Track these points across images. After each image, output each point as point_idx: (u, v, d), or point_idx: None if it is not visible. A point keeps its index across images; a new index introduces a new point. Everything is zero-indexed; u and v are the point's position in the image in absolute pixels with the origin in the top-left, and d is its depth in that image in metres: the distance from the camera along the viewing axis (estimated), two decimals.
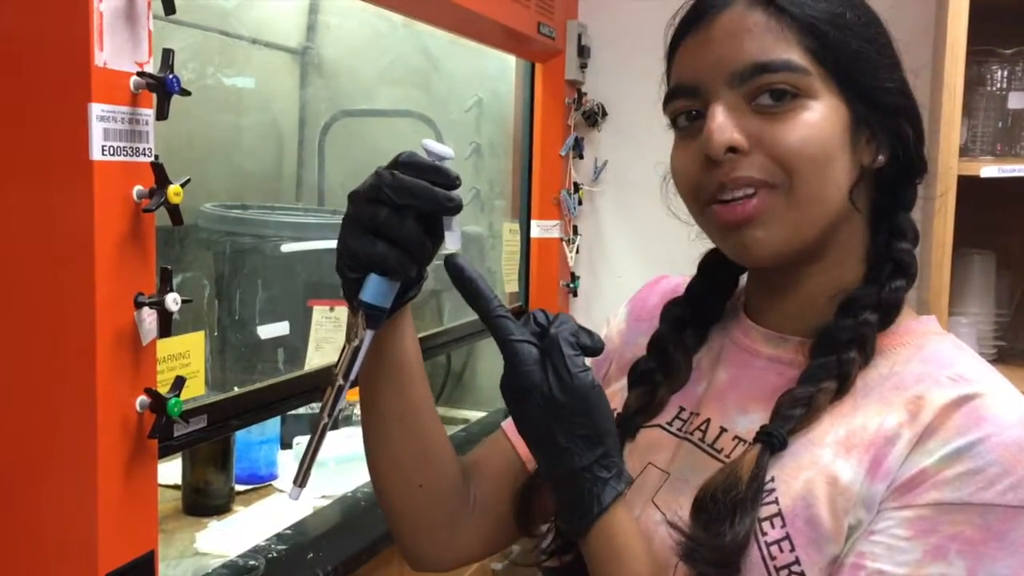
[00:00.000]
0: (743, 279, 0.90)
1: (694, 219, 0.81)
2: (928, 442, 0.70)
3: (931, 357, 0.76)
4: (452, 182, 0.73)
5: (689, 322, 0.89)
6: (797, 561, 0.71)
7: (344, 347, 0.76)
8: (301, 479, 0.75)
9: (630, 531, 0.74)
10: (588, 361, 0.87)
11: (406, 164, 0.73)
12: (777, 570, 0.71)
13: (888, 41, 0.80)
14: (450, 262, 0.75)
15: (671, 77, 0.81)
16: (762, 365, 0.82)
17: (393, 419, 0.84)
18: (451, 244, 0.76)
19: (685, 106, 0.78)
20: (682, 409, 0.86)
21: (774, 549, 0.71)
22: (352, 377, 0.76)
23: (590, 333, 0.75)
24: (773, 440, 0.74)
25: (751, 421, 0.79)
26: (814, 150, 0.73)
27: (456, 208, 0.74)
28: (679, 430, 0.84)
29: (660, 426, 0.85)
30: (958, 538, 0.67)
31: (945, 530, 0.68)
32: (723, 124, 0.74)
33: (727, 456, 0.79)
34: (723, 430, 0.81)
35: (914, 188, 0.82)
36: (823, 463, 0.73)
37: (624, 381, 0.91)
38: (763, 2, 0.75)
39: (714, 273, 0.89)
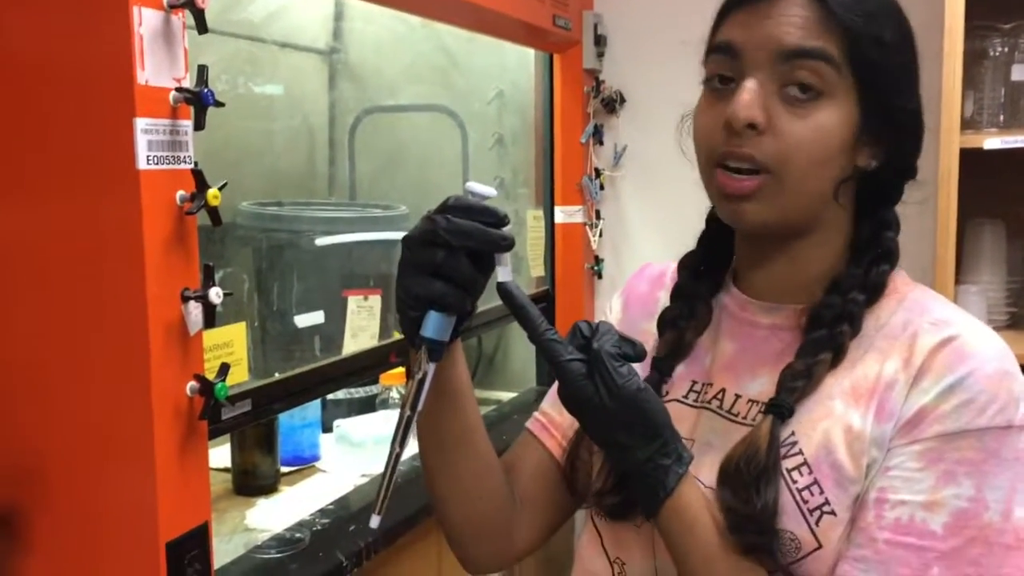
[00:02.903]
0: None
1: (700, 174, 0.88)
2: (922, 382, 0.80)
3: (911, 307, 0.86)
4: (501, 220, 0.79)
5: (705, 270, 0.97)
6: (827, 502, 0.80)
7: (408, 382, 0.82)
8: (380, 507, 0.80)
9: (696, 505, 0.82)
10: None
11: (456, 208, 0.79)
12: (810, 512, 0.80)
13: (915, 59, 0.86)
14: (502, 288, 0.81)
15: (716, 34, 0.86)
16: (763, 334, 0.90)
17: (453, 441, 0.91)
18: (503, 277, 0.81)
19: (722, 65, 0.84)
20: (694, 382, 0.93)
21: (805, 494, 0.81)
22: (419, 408, 0.81)
23: (632, 343, 0.81)
24: (782, 411, 0.83)
25: (761, 384, 0.88)
26: (816, 150, 0.81)
27: (509, 245, 0.80)
28: (695, 401, 0.92)
29: (677, 400, 0.93)
30: (963, 461, 0.77)
31: (951, 456, 0.78)
32: (750, 101, 0.80)
33: (744, 418, 0.87)
34: (737, 396, 0.89)
35: (902, 187, 0.91)
36: (837, 413, 0.82)
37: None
38: (819, 0, 0.81)
39: (719, 225, 0.94)
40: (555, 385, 0.99)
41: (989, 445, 0.77)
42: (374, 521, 0.80)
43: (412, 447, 1.80)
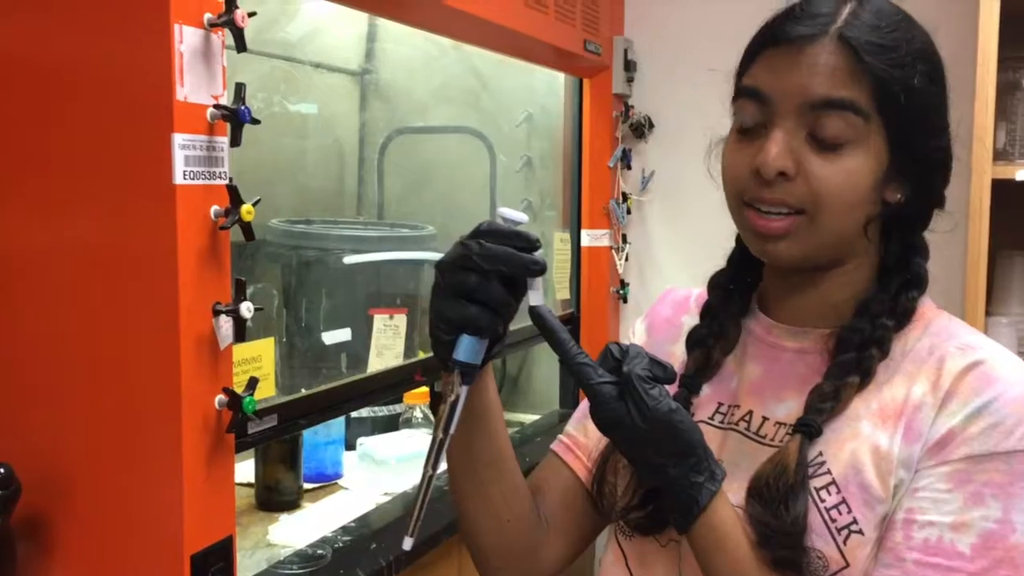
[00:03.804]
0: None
1: (729, 209, 0.89)
2: (950, 405, 0.80)
3: (937, 332, 0.87)
4: (533, 245, 0.80)
5: (734, 289, 0.97)
6: (855, 521, 0.81)
7: (440, 405, 0.83)
8: (413, 529, 0.80)
9: (728, 522, 0.82)
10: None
11: (488, 233, 0.79)
12: (838, 531, 0.81)
13: (945, 96, 0.87)
14: (534, 312, 0.82)
15: (746, 76, 0.87)
16: (789, 357, 0.91)
17: (483, 464, 0.92)
18: (534, 301, 0.81)
19: (750, 109, 0.85)
20: (720, 404, 0.94)
21: (833, 513, 0.81)
22: (452, 431, 0.82)
23: (663, 365, 0.82)
24: (811, 430, 0.84)
25: (788, 408, 0.88)
26: (847, 195, 0.82)
27: (541, 270, 0.80)
28: (721, 423, 0.93)
29: (703, 421, 0.94)
30: (990, 483, 0.78)
31: (979, 478, 0.78)
32: (780, 152, 0.81)
33: (771, 440, 0.88)
34: (765, 419, 0.90)
35: (930, 214, 0.91)
36: (864, 434, 0.83)
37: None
38: (848, 47, 0.81)
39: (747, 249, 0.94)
40: (580, 407, 0.99)
41: (1016, 468, 0.78)
42: (407, 543, 0.80)
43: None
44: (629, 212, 2.34)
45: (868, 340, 0.85)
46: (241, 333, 1.04)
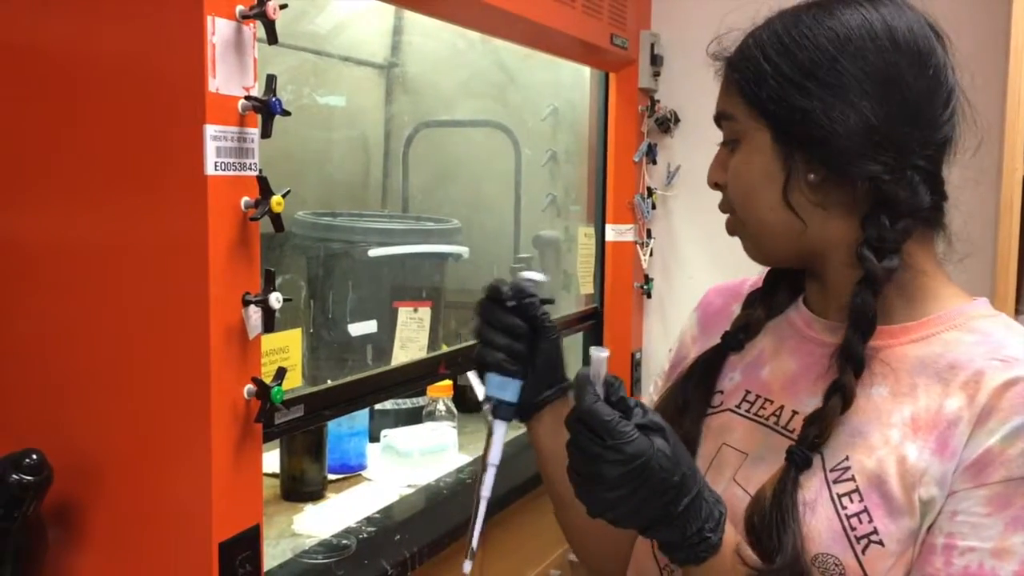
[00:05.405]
0: None
1: None
2: (988, 422, 0.78)
3: (982, 339, 0.84)
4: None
5: (795, 274, 0.98)
6: (876, 531, 0.80)
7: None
8: (469, 553, 0.87)
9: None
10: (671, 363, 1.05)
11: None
12: (857, 539, 0.80)
13: (832, 72, 0.83)
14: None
15: None
16: (825, 352, 0.90)
17: (565, 492, 0.94)
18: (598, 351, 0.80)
19: None
20: (748, 392, 0.95)
21: (854, 521, 0.81)
22: (492, 462, 0.89)
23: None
24: (795, 459, 0.84)
25: (818, 403, 0.87)
26: (740, 186, 0.90)
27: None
28: (747, 411, 0.94)
29: (730, 410, 0.95)
30: None
31: (1018, 502, 0.77)
32: (712, 166, 0.93)
33: (797, 435, 0.87)
34: (795, 412, 0.90)
35: (888, 199, 0.83)
36: (893, 443, 0.82)
37: None
38: (728, 66, 0.92)
39: None
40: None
41: None
42: (466, 567, 0.87)
43: (452, 462, 1.79)
44: (654, 207, 2.33)
45: (843, 358, 0.84)
46: (270, 323, 1.05)
